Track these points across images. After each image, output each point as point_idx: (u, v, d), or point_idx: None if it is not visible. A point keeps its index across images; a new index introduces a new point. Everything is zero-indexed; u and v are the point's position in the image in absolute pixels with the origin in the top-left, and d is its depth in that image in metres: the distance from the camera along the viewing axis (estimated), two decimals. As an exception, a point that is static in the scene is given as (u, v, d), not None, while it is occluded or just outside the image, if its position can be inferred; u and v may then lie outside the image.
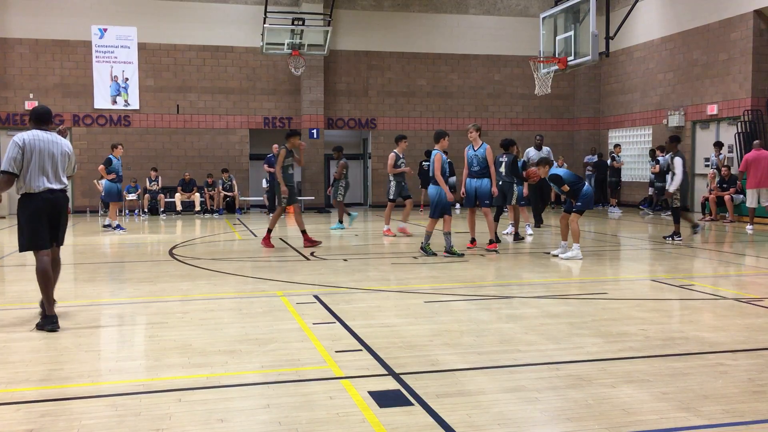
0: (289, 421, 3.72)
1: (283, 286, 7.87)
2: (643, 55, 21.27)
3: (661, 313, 6.37)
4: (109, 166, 15.06)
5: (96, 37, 20.43)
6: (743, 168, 14.70)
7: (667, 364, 4.72)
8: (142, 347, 5.48)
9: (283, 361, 4.89)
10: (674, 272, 8.89)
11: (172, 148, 21.22)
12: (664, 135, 20.19)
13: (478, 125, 11.02)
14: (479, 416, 3.76)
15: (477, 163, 10.78)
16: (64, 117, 20.35)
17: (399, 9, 22.42)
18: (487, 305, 6.81)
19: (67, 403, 4.06)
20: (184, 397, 4.10)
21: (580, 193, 10.04)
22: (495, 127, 23.18)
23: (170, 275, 8.81)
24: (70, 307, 6.88)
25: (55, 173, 6.00)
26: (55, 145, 6.09)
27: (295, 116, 21.96)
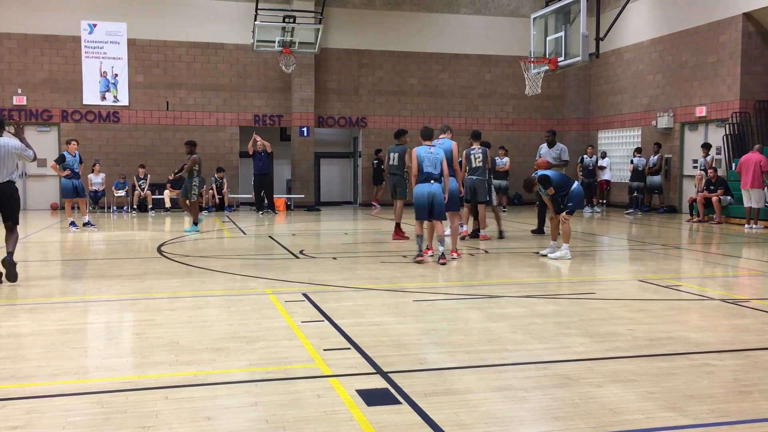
0: (277, 419, 3.71)
1: (272, 284, 7.85)
2: (633, 57, 21.37)
3: (648, 313, 6.40)
4: (62, 162, 14.68)
5: (85, 32, 20.30)
6: (738, 169, 15.12)
7: (653, 364, 4.75)
8: (129, 344, 5.45)
9: (271, 359, 4.88)
10: (661, 273, 8.94)
11: (162, 145, 21.12)
12: (653, 136, 20.32)
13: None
14: (467, 415, 3.77)
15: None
16: (52, 112, 20.23)
17: (390, 8, 22.41)
18: (476, 304, 6.83)
19: (54, 400, 4.03)
20: (171, 395, 4.09)
21: (570, 195, 9.98)
22: (485, 126, 23.22)
23: (158, 272, 8.77)
24: (58, 304, 6.84)
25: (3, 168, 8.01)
26: (6, 145, 8.04)
27: (286, 114, 21.91)
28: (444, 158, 9.56)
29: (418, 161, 9.40)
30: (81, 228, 14.45)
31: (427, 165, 9.38)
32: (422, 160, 9.39)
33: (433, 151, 9.46)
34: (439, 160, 9.44)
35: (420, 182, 9.41)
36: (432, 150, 9.47)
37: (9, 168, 8.04)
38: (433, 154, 9.44)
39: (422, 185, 9.40)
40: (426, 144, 9.63)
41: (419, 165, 9.39)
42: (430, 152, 9.45)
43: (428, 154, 9.44)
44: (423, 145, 9.59)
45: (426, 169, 9.37)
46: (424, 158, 9.40)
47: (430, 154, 9.44)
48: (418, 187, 9.43)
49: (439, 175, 9.43)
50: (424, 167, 9.37)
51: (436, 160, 9.42)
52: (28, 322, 6.00)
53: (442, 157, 9.48)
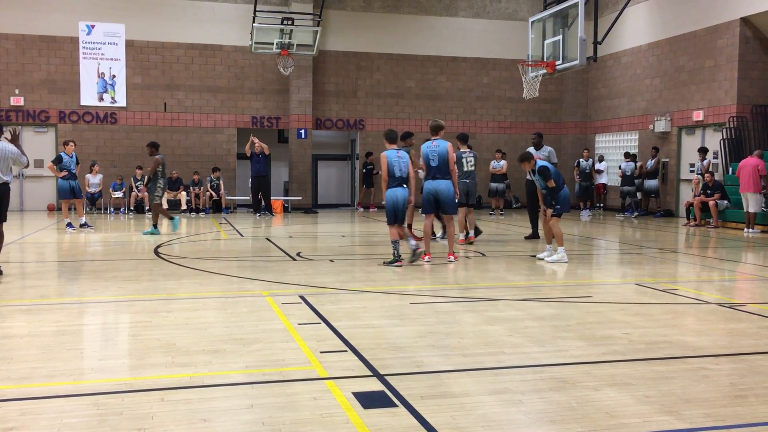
0: (273, 421, 3.71)
1: (269, 286, 7.85)
2: (631, 61, 21.42)
3: (644, 317, 6.41)
4: (59, 163, 14.64)
5: (83, 33, 20.29)
6: (737, 173, 15.35)
7: (650, 368, 4.75)
8: (125, 346, 5.44)
9: (267, 361, 4.87)
10: (658, 276, 8.95)
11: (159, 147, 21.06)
12: (650, 140, 20.36)
13: None
14: (463, 418, 3.77)
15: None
16: (50, 113, 20.21)
17: (388, 10, 22.43)
18: (473, 307, 6.82)
19: (49, 402, 4.02)
20: (167, 397, 4.08)
21: (558, 197, 9.95)
22: (483, 130, 23.26)
23: (155, 274, 8.76)
24: (54, 305, 6.83)
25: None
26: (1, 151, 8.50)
27: (283, 116, 21.91)
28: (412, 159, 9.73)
29: (389, 165, 9.34)
30: (78, 229, 14.42)
31: (398, 169, 9.36)
32: (392, 165, 9.35)
33: (401, 155, 9.46)
34: (406, 162, 9.46)
35: (392, 187, 9.37)
36: (400, 154, 9.46)
37: (4, 170, 8.58)
38: (401, 157, 9.43)
39: (395, 190, 9.36)
40: (392, 147, 9.54)
41: (390, 169, 9.34)
42: (398, 156, 9.43)
43: (397, 158, 9.41)
44: (391, 149, 9.50)
45: (398, 174, 9.35)
46: (394, 162, 9.36)
47: (398, 158, 9.41)
48: (391, 192, 9.38)
49: (407, 178, 9.44)
50: (396, 172, 9.34)
51: (404, 163, 9.43)
52: (24, 324, 5.98)
53: (407, 159, 9.51)
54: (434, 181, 9.80)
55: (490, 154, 21.63)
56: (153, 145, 14.16)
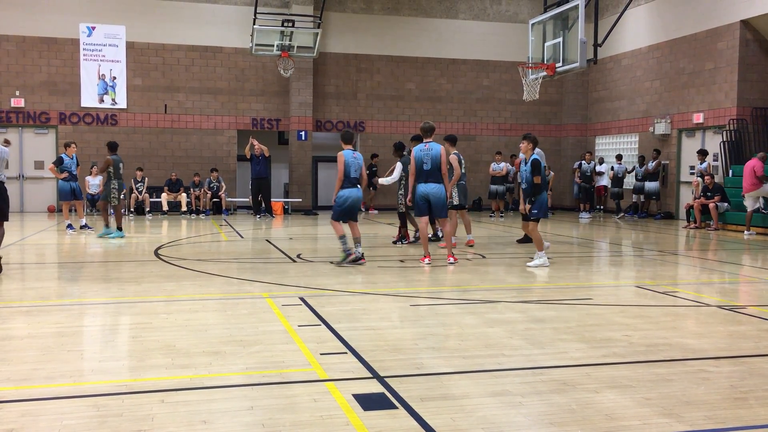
0: (273, 423, 3.71)
1: (269, 288, 7.85)
2: (631, 63, 21.43)
3: (644, 319, 6.41)
4: (60, 165, 14.60)
5: (84, 35, 20.31)
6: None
7: (650, 370, 4.75)
8: (125, 348, 5.44)
9: (267, 363, 4.87)
10: (658, 279, 8.95)
11: (159, 148, 21.12)
12: (650, 142, 20.37)
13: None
14: (463, 420, 3.77)
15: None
16: (50, 114, 20.22)
17: (389, 12, 22.45)
18: (473, 309, 6.82)
19: (49, 403, 4.02)
20: (167, 398, 4.08)
21: (538, 198, 9.77)
22: (483, 132, 23.28)
23: (155, 276, 8.76)
24: (54, 306, 6.83)
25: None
26: None
27: (284, 118, 21.93)
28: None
29: (345, 166, 9.51)
30: (78, 230, 14.42)
31: (354, 170, 9.56)
32: (349, 165, 9.53)
33: (357, 156, 9.65)
34: (360, 164, 9.66)
35: (347, 187, 9.55)
36: (355, 155, 9.65)
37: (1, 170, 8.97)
38: (356, 159, 9.62)
39: (349, 190, 9.55)
40: (348, 148, 9.69)
41: (346, 170, 9.51)
42: (354, 157, 9.61)
43: (353, 159, 9.59)
44: (348, 149, 9.66)
45: (353, 175, 9.55)
46: (350, 163, 9.54)
47: (354, 159, 9.59)
48: (345, 192, 9.55)
49: (360, 179, 9.65)
50: (351, 172, 9.53)
51: (359, 165, 9.64)
52: (24, 325, 5.99)
53: (362, 162, 9.70)
54: (426, 184, 9.87)
55: (491, 156, 21.67)
56: (109, 146, 13.82)
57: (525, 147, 9.92)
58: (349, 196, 9.57)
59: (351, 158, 9.55)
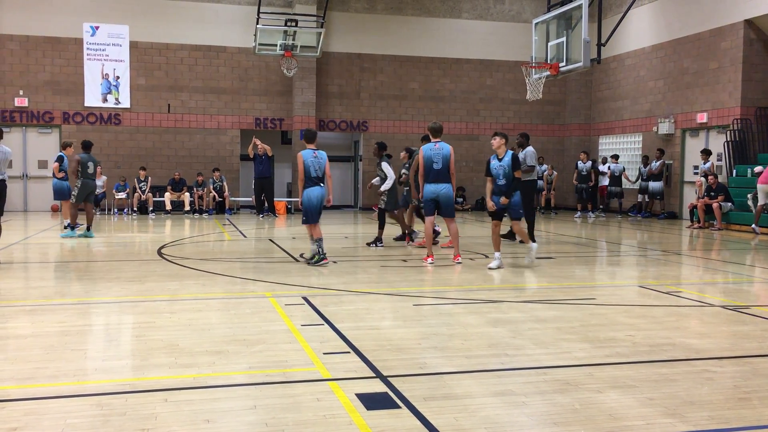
0: (276, 422, 3.71)
1: (272, 287, 7.85)
2: (634, 63, 21.40)
3: (648, 319, 6.40)
4: (61, 163, 14.44)
5: (87, 34, 20.34)
6: None
7: (653, 370, 4.74)
8: (128, 347, 5.45)
9: (270, 362, 4.87)
10: (662, 279, 8.94)
11: (163, 148, 21.15)
12: (654, 142, 20.33)
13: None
14: (466, 420, 3.76)
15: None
16: (54, 114, 20.26)
17: (392, 12, 22.45)
18: (476, 309, 6.82)
19: (53, 402, 4.03)
20: (171, 397, 4.08)
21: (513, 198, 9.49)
22: (486, 131, 23.24)
23: (158, 275, 8.77)
24: (57, 305, 6.84)
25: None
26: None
27: (287, 117, 21.94)
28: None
29: (305, 166, 9.50)
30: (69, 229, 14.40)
31: (314, 169, 9.53)
32: (308, 165, 9.50)
33: (318, 155, 9.59)
34: (322, 163, 9.60)
35: (308, 187, 9.53)
36: (316, 154, 9.59)
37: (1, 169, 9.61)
38: (317, 158, 9.57)
39: (311, 189, 9.52)
40: (311, 147, 9.69)
41: (306, 170, 9.49)
42: (315, 156, 9.57)
43: (314, 158, 9.56)
44: (309, 149, 9.65)
45: (314, 174, 9.53)
46: (310, 163, 9.51)
47: (314, 158, 9.56)
48: (307, 192, 9.54)
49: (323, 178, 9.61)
50: (312, 172, 9.50)
51: (321, 164, 9.59)
52: (28, 324, 6.00)
53: (325, 161, 9.64)
54: (436, 184, 9.87)
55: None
56: (82, 144, 13.85)
57: (498, 143, 9.50)
58: (312, 196, 9.52)
59: (311, 158, 9.53)
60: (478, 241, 12.83)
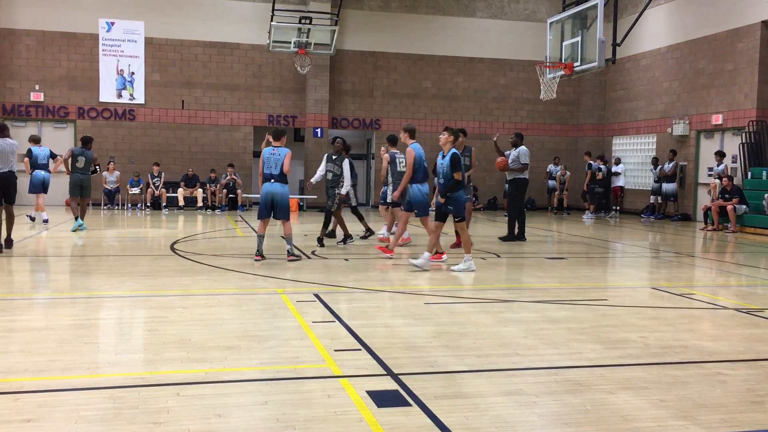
0: (287, 418, 3.72)
1: (284, 284, 7.87)
2: (649, 63, 21.27)
3: (660, 321, 6.36)
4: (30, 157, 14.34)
5: (103, 30, 20.47)
6: None
7: (665, 372, 4.72)
8: (141, 341, 5.48)
9: (281, 358, 4.89)
10: (675, 281, 8.88)
11: (176, 144, 21.25)
12: (668, 143, 20.21)
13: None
14: (477, 419, 3.76)
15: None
16: (69, 109, 20.40)
17: (406, 10, 22.43)
18: (487, 308, 6.81)
19: (66, 395, 4.06)
20: (183, 392, 4.11)
21: (455, 195, 9.04)
22: (499, 130, 23.13)
23: (171, 270, 8.81)
24: (71, 299, 6.89)
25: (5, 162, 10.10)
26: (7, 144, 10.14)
27: (300, 115, 21.98)
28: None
29: (261, 162, 9.79)
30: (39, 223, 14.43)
31: (267, 167, 9.74)
32: (263, 162, 9.78)
33: (275, 152, 9.80)
34: (279, 160, 9.76)
35: (264, 182, 9.78)
36: (275, 151, 9.81)
37: (10, 161, 10.14)
38: (274, 155, 9.79)
39: (264, 185, 9.78)
40: (276, 145, 9.92)
41: (262, 167, 9.78)
42: (273, 153, 9.81)
43: (271, 155, 9.80)
44: (269, 147, 9.91)
45: (266, 171, 9.75)
46: (266, 159, 9.78)
47: (272, 155, 9.79)
48: (262, 187, 9.81)
49: (278, 174, 9.76)
50: (264, 168, 9.76)
51: (278, 160, 9.75)
52: (42, 317, 6.05)
53: (282, 159, 9.78)
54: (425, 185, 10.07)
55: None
56: (81, 139, 14.15)
57: (445, 139, 9.18)
58: (262, 193, 9.74)
59: (268, 154, 9.79)
60: (491, 241, 12.79)
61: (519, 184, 12.80)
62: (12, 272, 8.73)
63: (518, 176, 12.76)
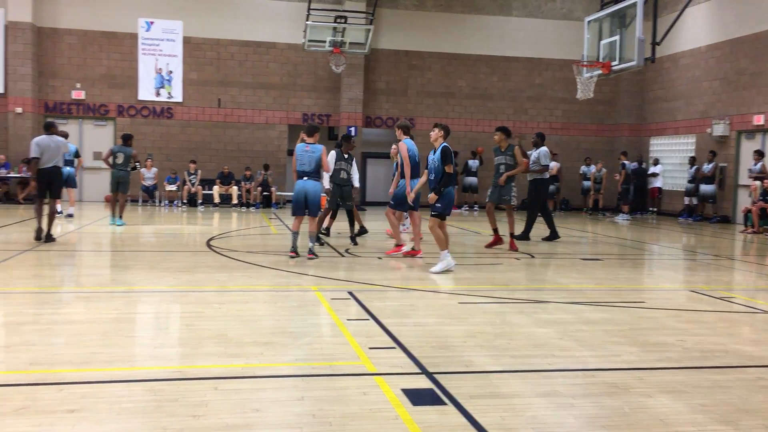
0: (323, 414, 3.75)
1: (318, 282, 7.92)
2: (689, 63, 20.89)
3: (699, 324, 6.26)
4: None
5: (143, 29, 20.81)
6: None
7: (705, 376, 4.64)
8: (179, 335, 5.57)
9: (316, 355, 4.93)
10: (714, 284, 8.72)
11: (212, 141, 21.51)
12: (708, 144, 19.83)
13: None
14: (513, 419, 3.75)
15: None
16: (109, 107, 20.79)
17: (441, 10, 22.38)
18: (522, 309, 6.77)
19: (108, 386, 4.15)
20: (220, 386, 4.17)
21: (445, 192, 8.81)
22: (534, 131, 22.87)
23: (207, 266, 8.93)
24: (111, 293, 7.03)
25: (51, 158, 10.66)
26: (53, 141, 10.73)
27: (334, 113, 22.07)
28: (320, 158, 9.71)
29: (295, 159, 9.71)
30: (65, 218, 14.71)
31: (300, 163, 9.66)
32: (297, 159, 9.69)
33: (309, 149, 9.71)
34: (315, 158, 9.68)
35: (297, 179, 9.71)
36: (308, 148, 9.72)
37: (56, 158, 10.72)
38: (308, 151, 9.70)
39: (297, 182, 9.69)
40: (309, 141, 9.80)
41: (296, 163, 9.70)
42: (307, 150, 9.71)
43: (305, 152, 9.70)
44: (302, 143, 9.80)
45: (299, 168, 9.67)
46: (300, 156, 9.69)
47: (306, 151, 9.70)
48: (295, 184, 9.73)
49: (312, 172, 9.67)
50: (298, 165, 9.68)
51: (313, 157, 9.67)
52: (84, 310, 6.18)
53: (318, 156, 9.70)
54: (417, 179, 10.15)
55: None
56: (121, 136, 14.62)
57: (435, 135, 9.03)
58: (296, 190, 9.69)
59: (302, 151, 9.70)
60: (525, 242, 12.70)
61: (539, 185, 12.75)
62: (54, 266, 8.94)
63: (538, 177, 12.69)
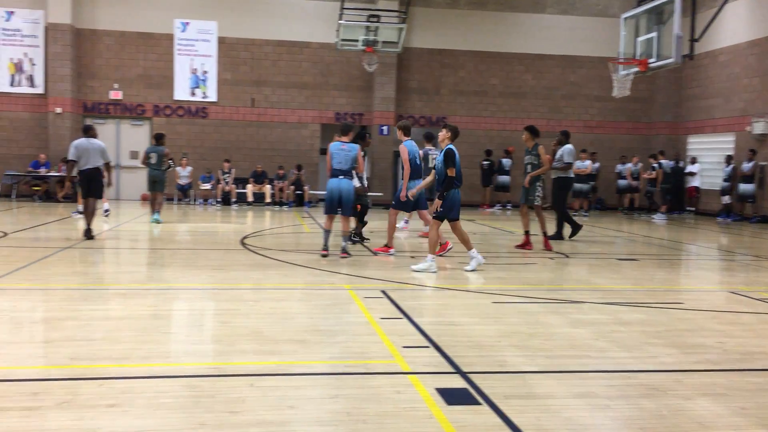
0: (358, 412, 3.77)
1: (351, 280, 7.95)
2: (728, 59, 20.46)
3: (739, 326, 6.14)
4: None
5: (178, 30, 21.09)
6: None
7: (746, 379, 4.55)
8: (215, 332, 5.64)
9: (350, 353, 4.95)
10: (754, 285, 8.54)
11: (246, 141, 21.71)
12: (747, 142, 19.42)
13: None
14: (548, 420, 3.72)
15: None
16: (146, 107, 21.12)
17: (474, 8, 22.27)
18: (557, 309, 6.71)
19: (146, 382, 4.22)
20: (257, 383, 4.21)
21: (449, 195, 8.64)
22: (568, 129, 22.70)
23: (242, 264, 9.02)
24: (148, 290, 7.15)
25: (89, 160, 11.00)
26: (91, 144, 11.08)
27: (367, 112, 22.11)
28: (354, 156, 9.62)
29: (330, 157, 9.58)
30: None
31: (337, 162, 9.52)
32: (332, 157, 9.56)
33: (345, 148, 9.60)
34: (351, 157, 9.58)
35: (330, 177, 9.61)
36: (344, 146, 9.60)
37: (94, 159, 11.04)
38: (344, 150, 9.58)
39: (330, 181, 9.59)
40: (343, 140, 9.68)
41: (330, 161, 9.57)
42: (343, 148, 9.60)
43: (341, 150, 9.58)
44: (337, 141, 9.68)
45: (335, 166, 9.53)
46: (334, 155, 9.56)
47: (341, 150, 9.58)
48: (329, 183, 9.62)
49: (347, 170, 9.57)
50: (334, 164, 9.55)
51: (348, 157, 9.55)
52: (121, 307, 6.29)
53: (354, 155, 9.60)
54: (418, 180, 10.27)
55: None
56: (154, 136, 14.88)
57: (443, 136, 8.88)
58: (330, 188, 9.60)
59: (336, 149, 9.59)
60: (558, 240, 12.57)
61: (562, 183, 12.58)
62: (93, 263, 9.11)
63: (561, 175, 12.54)
